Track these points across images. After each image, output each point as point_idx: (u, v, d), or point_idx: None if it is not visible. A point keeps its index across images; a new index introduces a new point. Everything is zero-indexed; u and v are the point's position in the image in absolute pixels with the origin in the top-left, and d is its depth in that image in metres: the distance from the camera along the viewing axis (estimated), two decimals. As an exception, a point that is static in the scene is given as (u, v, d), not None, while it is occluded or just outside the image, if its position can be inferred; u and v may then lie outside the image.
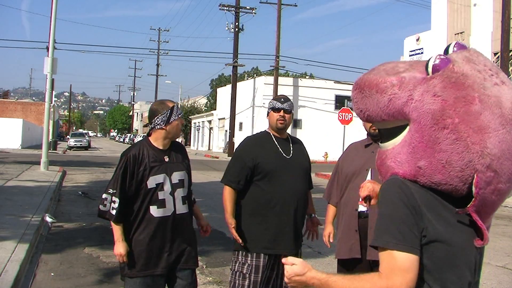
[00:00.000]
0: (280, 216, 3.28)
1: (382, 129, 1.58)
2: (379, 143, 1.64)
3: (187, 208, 3.16)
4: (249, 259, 3.29)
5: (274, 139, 3.44)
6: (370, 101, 1.50)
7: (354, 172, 3.32)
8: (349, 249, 3.21)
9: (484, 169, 1.37)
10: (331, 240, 3.53)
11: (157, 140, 3.11)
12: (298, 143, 3.60)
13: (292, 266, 1.52)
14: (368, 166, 3.26)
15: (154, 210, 3.01)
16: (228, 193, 3.35)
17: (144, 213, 3.01)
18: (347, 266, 3.27)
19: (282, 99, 3.44)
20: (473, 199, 1.40)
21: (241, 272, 3.30)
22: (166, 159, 3.10)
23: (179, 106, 3.23)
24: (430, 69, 1.44)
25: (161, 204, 3.02)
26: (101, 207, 3.06)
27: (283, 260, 1.57)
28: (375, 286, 1.38)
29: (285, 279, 1.54)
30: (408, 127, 1.47)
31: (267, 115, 3.48)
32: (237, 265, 3.35)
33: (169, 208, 3.04)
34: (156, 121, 3.07)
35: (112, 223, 3.08)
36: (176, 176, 3.09)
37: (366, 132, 3.43)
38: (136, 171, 3.00)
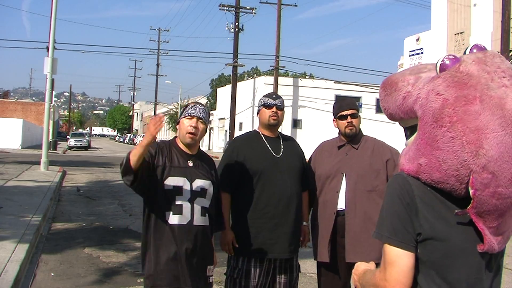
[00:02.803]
0: (271, 218, 3.15)
1: (405, 128, 1.61)
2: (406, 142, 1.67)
3: (207, 222, 2.84)
4: (239, 263, 3.17)
5: (263, 138, 3.32)
6: (390, 99, 1.57)
7: (328, 175, 3.31)
8: (329, 252, 3.24)
9: (479, 169, 1.37)
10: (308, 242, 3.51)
11: (180, 141, 2.90)
12: (289, 140, 3.45)
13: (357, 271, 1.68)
14: (342, 170, 3.26)
15: (170, 217, 2.72)
16: (224, 199, 3.15)
17: (160, 218, 2.73)
18: (326, 267, 3.30)
19: (274, 96, 3.36)
20: (471, 201, 1.39)
21: (231, 277, 3.20)
22: (190, 164, 2.84)
23: (197, 106, 2.91)
24: (438, 69, 1.47)
25: (178, 210, 2.74)
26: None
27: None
28: (375, 277, 1.47)
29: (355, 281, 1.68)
30: None
31: (258, 113, 3.37)
32: (229, 269, 3.27)
33: (186, 216, 2.76)
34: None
35: (132, 151, 2.62)
36: (198, 184, 2.81)
37: (339, 132, 3.40)
38: (156, 161, 2.74)
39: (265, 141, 3.30)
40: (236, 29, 33.68)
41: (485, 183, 1.37)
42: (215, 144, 47.77)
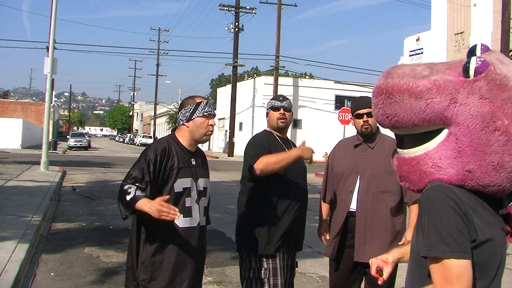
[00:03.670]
0: (289, 215, 3.20)
1: (409, 135, 1.52)
2: (398, 149, 1.58)
3: (206, 221, 2.85)
4: (264, 263, 3.12)
5: (279, 139, 3.35)
6: (401, 106, 1.45)
7: (343, 173, 3.34)
8: (335, 250, 3.31)
9: None
10: (327, 238, 3.53)
11: (182, 138, 2.79)
12: (293, 142, 3.53)
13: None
14: (357, 169, 3.27)
15: (180, 220, 2.61)
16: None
17: (167, 223, 2.54)
18: (336, 266, 3.37)
19: (281, 98, 3.39)
20: None
21: (258, 278, 3.11)
22: (193, 162, 2.77)
23: (210, 104, 2.84)
24: (472, 72, 1.41)
25: (188, 212, 2.66)
26: (127, 197, 2.53)
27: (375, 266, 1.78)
28: None
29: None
30: (444, 131, 1.43)
31: (267, 115, 3.41)
32: (251, 271, 3.14)
33: (195, 218, 2.70)
34: (180, 116, 2.80)
35: (137, 205, 2.54)
36: (201, 183, 2.77)
37: (356, 131, 3.39)
38: (163, 168, 2.63)
39: (281, 143, 3.35)
40: (236, 29, 33.68)
41: None
42: (215, 144, 47.78)
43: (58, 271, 5.43)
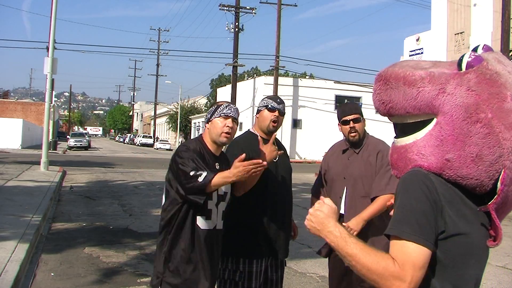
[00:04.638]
0: (271, 220, 3.13)
1: (401, 124, 1.56)
2: (394, 139, 1.62)
3: (223, 226, 2.87)
4: (240, 265, 3.06)
5: (263, 142, 3.09)
6: (396, 92, 1.50)
7: (332, 178, 3.41)
8: (329, 249, 3.28)
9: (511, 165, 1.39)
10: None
11: (207, 141, 2.81)
12: (280, 144, 3.37)
13: (323, 205, 1.55)
14: (344, 175, 3.33)
15: (201, 221, 2.69)
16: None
17: (190, 223, 2.66)
18: (333, 268, 3.41)
19: (278, 100, 3.25)
20: (495, 196, 1.40)
21: (232, 280, 3.06)
22: (217, 167, 2.76)
23: (231, 106, 2.82)
24: (464, 65, 1.45)
25: (208, 215, 2.71)
26: (200, 179, 2.52)
27: (321, 199, 1.59)
28: (386, 269, 1.34)
29: (309, 212, 1.57)
30: (434, 121, 1.46)
31: (257, 112, 3.24)
32: (226, 273, 3.08)
33: (214, 220, 2.75)
34: (205, 119, 2.85)
35: (213, 181, 2.53)
36: (222, 188, 2.76)
37: (344, 137, 3.43)
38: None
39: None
40: (236, 29, 33.67)
41: None
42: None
43: (58, 271, 5.43)
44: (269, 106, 3.18)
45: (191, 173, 2.54)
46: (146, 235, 7.53)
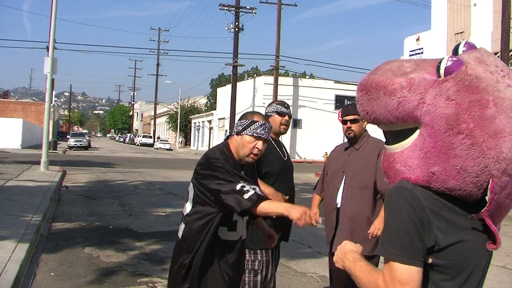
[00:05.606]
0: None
1: (389, 131, 1.53)
2: (385, 145, 1.60)
3: (246, 234, 2.83)
4: (258, 255, 3.40)
5: (273, 142, 3.60)
6: (378, 103, 1.45)
7: (332, 173, 3.72)
8: (329, 242, 3.67)
9: (499, 174, 1.34)
10: (317, 219, 3.69)
11: (233, 149, 2.68)
12: (283, 144, 3.83)
13: (347, 243, 1.64)
14: (343, 169, 3.61)
15: (224, 233, 2.58)
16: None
17: (212, 234, 2.53)
18: (333, 255, 3.54)
19: (286, 105, 3.70)
20: (487, 205, 1.37)
21: (251, 269, 3.38)
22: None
23: (267, 126, 2.67)
24: (442, 72, 1.38)
25: (232, 226, 2.61)
26: (246, 196, 2.37)
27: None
28: (377, 286, 1.40)
29: (337, 248, 1.66)
30: (418, 131, 1.42)
31: (268, 118, 3.48)
32: (245, 263, 3.29)
33: (239, 232, 2.65)
34: (235, 125, 2.72)
35: (262, 206, 2.39)
36: None
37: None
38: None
39: (275, 145, 3.62)
40: (236, 29, 33.67)
41: (503, 186, 1.36)
42: (215, 144, 47.60)
43: (58, 271, 5.43)
44: (279, 111, 3.62)
45: (237, 187, 2.38)
46: (146, 235, 7.52)
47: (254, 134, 2.61)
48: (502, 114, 1.34)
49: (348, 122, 3.61)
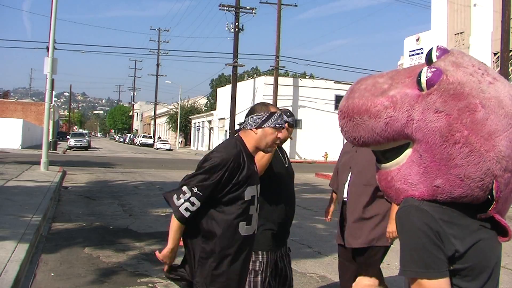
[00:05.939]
0: (283, 217, 3.52)
1: (380, 151, 1.51)
2: (377, 163, 1.57)
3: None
4: (260, 256, 3.45)
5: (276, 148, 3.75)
6: (364, 127, 1.43)
7: (341, 167, 3.95)
8: (338, 233, 3.90)
9: (502, 172, 1.35)
10: (328, 218, 4.24)
11: (248, 143, 2.68)
12: (285, 151, 3.89)
13: None
14: (350, 165, 3.81)
15: (242, 228, 2.58)
16: None
17: (233, 230, 2.54)
18: (341, 251, 3.93)
19: (288, 113, 3.71)
20: (494, 203, 1.38)
21: (252, 270, 3.39)
22: (255, 168, 2.69)
23: (284, 117, 2.85)
24: (424, 85, 1.36)
25: (249, 221, 2.60)
26: (175, 198, 2.45)
27: None
28: None
29: None
30: (411, 147, 1.41)
31: None
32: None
33: (254, 226, 2.66)
34: (249, 120, 2.71)
35: (175, 222, 2.49)
36: (259, 189, 2.72)
37: None
38: (235, 178, 2.51)
39: (278, 151, 3.64)
40: (236, 29, 33.67)
41: (507, 182, 1.37)
42: (215, 144, 47.76)
43: (58, 271, 5.42)
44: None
45: (184, 188, 2.46)
46: (146, 235, 7.52)
47: (277, 125, 2.69)
48: (492, 114, 1.34)
49: None
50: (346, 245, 3.74)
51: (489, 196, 1.39)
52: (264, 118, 2.68)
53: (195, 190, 2.44)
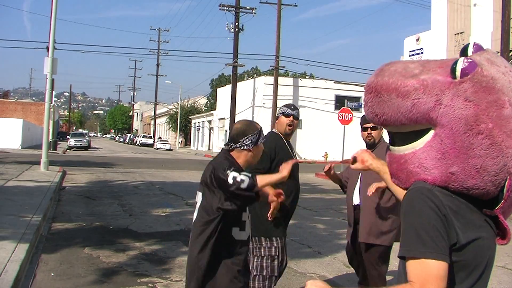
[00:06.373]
0: (291, 205, 3.87)
1: (398, 133, 1.52)
2: (390, 146, 1.59)
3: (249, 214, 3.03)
4: (274, 242, 3.72)
5: (285, 142, 3.97)
6: (389, 105, 1.45)
7: (352, 174, 4.12)
8: (348, 237, 4.20)
9: None
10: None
11: (240, 160, 2.90)
12: (292, 146, 4.13)
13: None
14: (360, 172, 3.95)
15: (236, 233, 2.80)
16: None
17: (226, 234, 2.76)
18: (351, 248, 4.21)
19: (292, 107, 3.97)
20: (501, 202, 1.39)
21: (269, 256, 3.70)
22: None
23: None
24: (458, 73, 1.38)
25: (243, 226, 2.83)
26: (243, 185, 2.65)
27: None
28: None
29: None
30: (431, 132, 1.43)
31: (276, 119, 4.03)
32: (262, 250, 3.71)
33: (247, 232, 2.88)
34: (245, 141, 2.89)
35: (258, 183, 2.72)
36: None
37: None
38: None
39: (285, 143, 3.95)
40: (236, 29, 33.66)
41: None
42: (214, 144, 47.77)
43: (58, 271, 5.43)
44: (285, 112, 3.94)
45: (231, 180, 2.69)
46: (146, 235, 7.52)
47: (262, 141, 2.99)
48: None
49: (369, 129, 4.01)
50: (360, 240, 3.96)
51: (498, 194, 1.40)
52: (257, 137, 2.93)
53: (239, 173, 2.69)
